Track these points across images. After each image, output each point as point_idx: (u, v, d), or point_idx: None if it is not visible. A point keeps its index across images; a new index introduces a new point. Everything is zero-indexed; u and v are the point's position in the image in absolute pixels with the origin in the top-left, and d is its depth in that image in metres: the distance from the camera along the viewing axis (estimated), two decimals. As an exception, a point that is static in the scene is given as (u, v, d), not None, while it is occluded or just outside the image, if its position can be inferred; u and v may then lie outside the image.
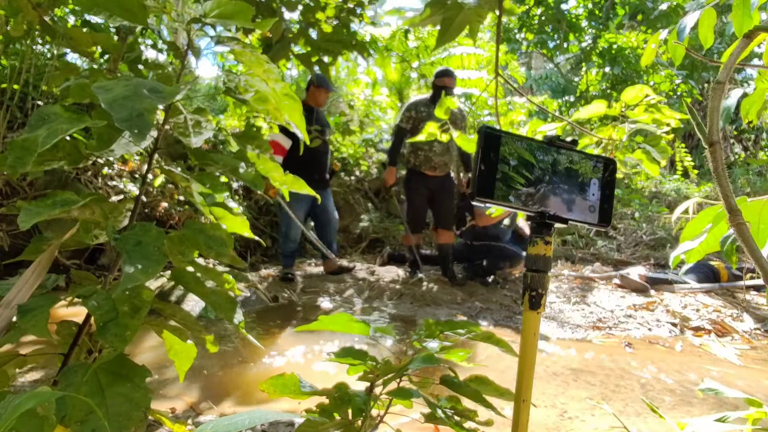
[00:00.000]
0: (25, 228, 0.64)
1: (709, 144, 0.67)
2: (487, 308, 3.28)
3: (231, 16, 0.83)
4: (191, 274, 0.85)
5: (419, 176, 3.74)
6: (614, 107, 1.54)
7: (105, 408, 0.65)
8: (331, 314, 0.83)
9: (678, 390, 2.06)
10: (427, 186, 3.76)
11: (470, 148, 1.40)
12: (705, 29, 1.15)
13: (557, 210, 0.72)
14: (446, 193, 3.83)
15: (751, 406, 0.86)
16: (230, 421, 0.53)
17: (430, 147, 3.62)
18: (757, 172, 8.09)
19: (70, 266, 3.21)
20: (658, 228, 5.65)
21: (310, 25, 2.29)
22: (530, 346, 0.72)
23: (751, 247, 0.65)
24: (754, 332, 2.90)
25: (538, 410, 1.75)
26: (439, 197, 3.80)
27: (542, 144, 0.72)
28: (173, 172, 0.86)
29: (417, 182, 3.75)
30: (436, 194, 3.78)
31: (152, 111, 0.62)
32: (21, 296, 0.71)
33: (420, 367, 0.80)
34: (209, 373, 2.05)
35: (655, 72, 8.00)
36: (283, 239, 3.76)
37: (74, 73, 0.99)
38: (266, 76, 0.83)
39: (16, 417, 0.44)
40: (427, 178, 3.74)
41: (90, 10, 0.76)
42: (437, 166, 3.68)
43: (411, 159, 3.75)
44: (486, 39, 6.76)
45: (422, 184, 3.74)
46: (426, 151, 3.64)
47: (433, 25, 1.19)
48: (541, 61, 11.76)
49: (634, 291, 3.66)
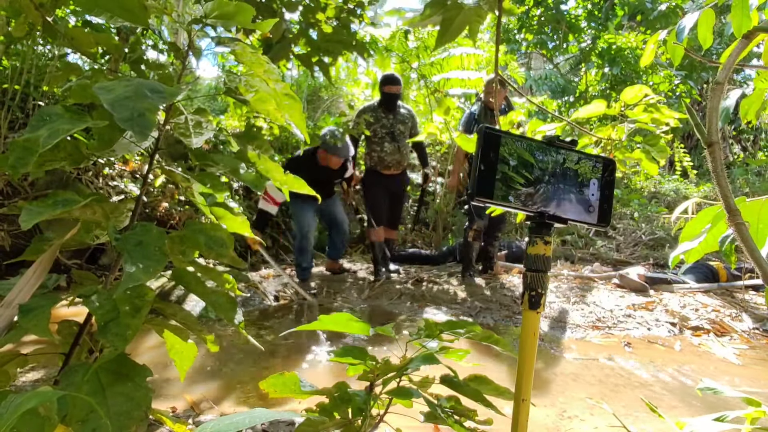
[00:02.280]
0: (26, 228, 0.64)
1: (708, 144, 0.67)
2: (487, 308, 3.29)
3: (231, 16, 0.83)
4: (192, 274, 0.85)
5: (376, 175, 4.04)
6: (613, 107, 1.54)
7: (106, 407, 0.66)
8: (331, 314, 0.83)
9: (677, 389, 2.06)
10: (383, 184, 4.06)
11: (470, 147, 1.40)
12: (704, 30, 1.15)
13: (557, 210, 0.73)
14: (401, 194, 4.20)
15: (750, 406, 0.87)
16: (231, 421, 0.53)
17: (381, 148, 3.93)
18: (756, 172, 8.09)
19: (71, 266, 3.21)
20: (657, 228, 5.65)
21: (310, 25, 2.29)
22: (530, 346, 0.72)
23: (750, 247, 0.65)
24: (752, 332, 2.90)
25: (537, 410, 1.75)
26: (394, 197, 4.12)
27: (542, 144, 0.73)
28: (174, 172, 0.87)
29: (374, 180, 4.06)
30: (393, 194, 4.11)
31: (153, 111, 0.63)
32: (22, 296, 0.72)
33: (420, 367, 0.80)
34: (210, 372, 2.05)
35: (654, 72, 8.00)
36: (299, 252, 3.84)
37: (75, 73, 0.99)
38: (267, 76, 0.84)
39: (18, 416, 0.45)
40: (384, 177, 4.04)
41: (91, 11, 0.76)
42: (391, 164, 3.98)
43: (367, 160, 4.08)
44: (485, 39, 6.76)
45: (380, 181, 4.05)
46: (378, 152, 3.95)
47: (432, 26, 1.19)
48: (541, 62, 11.76)
49: (634, 291, 3.66)
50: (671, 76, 7.88)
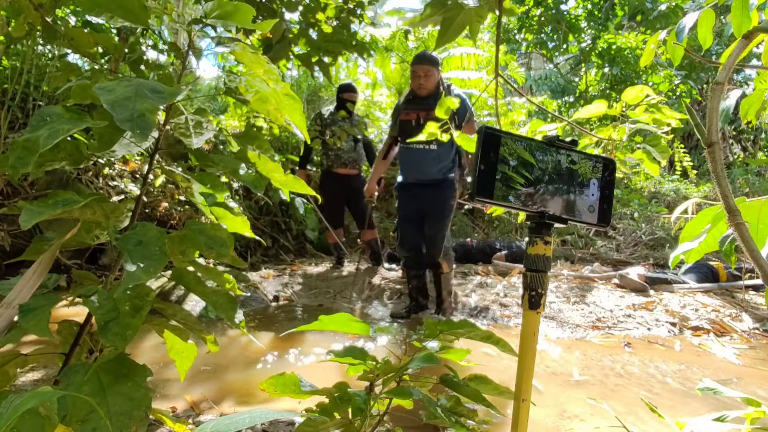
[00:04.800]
0: (26, 228, 0.64)
1: (708, 144, 0.67)
2: (487, 308, 3.29)
3: (231, 16, 0.83)
4: (192, 274, 0.85)
5: (333, 176, 4.16)
6: (614, 107, 1.54)
7: (106, 407, 0.66)
8: (331, 314, 0.83)
9: (677, 389, 2.06)
10: (340, 185, 4.16)
11: (470, 147, 1.40)
12: (704, 30, 1.15)
13: (557, 210, 0.73)
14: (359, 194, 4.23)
15: (750, 406, 0.87)
16: (231, 420, 0.53)
17: (338, 146, 4.06)
18: (756, 172, 8.10)
19: (72, 266, 3.21)
20: (657, 228, 5.65)
21: (310, 25, 2.29)
22: (530, 346, 0.72)
23: (750, 247, 0.65)
24: (752, 332, 2.90)
25: (537, 410, 1.75)
26: (353, 199, 4.19)
27: (542, 144, 0.73)
28: (174, 172, 0.87)
29: (331, 182, 4.18)
30: (351, 196, 4.19)
31: (153, 111, 0.63)
32: (22, 296, 0.72)
33: (420, 367, 0.80)
34: (210, 372, 2.05)
35: (654, 72, 8.00)
36: None
37: (75, 73, 0.99)
38: (267, 76, 0.84)
39: (18, 416, 0.45)
40: (341, 177, 4.15)
41: (91, 11, 0.76)
42: (347, 162, 4.12)
43: (324, 161, 4.20)
44: (486, 39, 6.76)
45: (336, 183, 4.16)
46: (336, 150, 4.09)
47: (433, 26, 1.19)
48: (541, 62, 11.77)
49: (634, 291, 3.66)
50: (671, 76, 7.88)
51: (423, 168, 2.87)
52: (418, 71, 2.78)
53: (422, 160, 2.86)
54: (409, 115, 2.87)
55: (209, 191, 0.88)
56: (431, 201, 2.88)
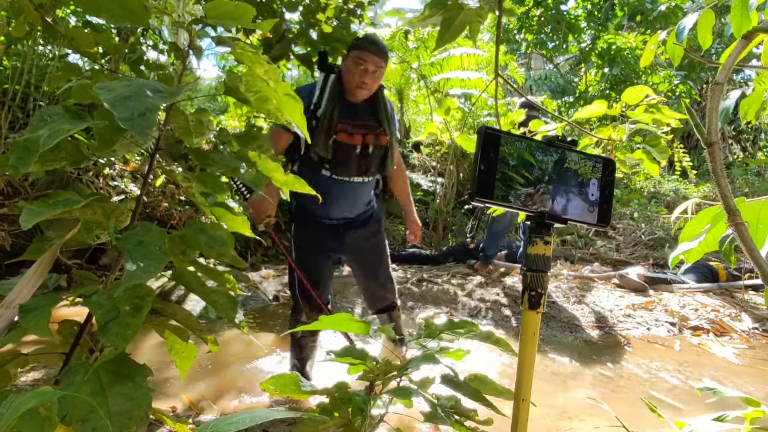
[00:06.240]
0: (26, 228, 0.64)
1: (708, 144, 0.68)
2: (487, 308, 3.29)
3: (232, 16, 0.83)
4: (192, 274, 0.85)
5: None
6: (614, 107, 1.54)
7: (106, 407, 0.66)
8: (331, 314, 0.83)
9: (677, 389, 2.06)
10: None
11: (470, 147, 1.40)
12: (703, 30, 1.15)
13: (556, 210, 0.73)
14: None
15: (750, 406, 0.87)
16: (231, 420, 0.53)
17: None
18: (756, 172, 8.10)
19: (72, 266, 3.21)
20: (657, 228, 5.65)
21: (310, 25, 2.29)
22: (530, 346, 0.72)
23: (750, 247, 0.65)
24: (752, 332, 2.90)
25: (537, 409, 1.75)
26: None
27: (542, 144, 0.73)
28: (174, 172, 0.87)
29: None
30: None
31: (154, 111, 0.63)
32: (23, 296, 0.72)
33: (420, 367, 0.80)
34: (210, 372, 2.05)
35: (653, 72, 8.01)
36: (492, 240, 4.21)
37: (76, 73, 0.99)
38: (267, 76, 0.84)
39: (18, 416, 0.45)
40: None
41: (92, 11, 0.76)
42: None
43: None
44: (486, 39, 6.76)
45: None
46: None
47: (432, 26, 1.19)
48: (541, 62, 11.77)
49: (633, 291, 3.66)
50: (671, 76, 7.89)
51: (357, 204, 2.07)
52: (368, 62, 1.88)
53: (358, 195, 2.05)
54: (351, 138, 1.92)
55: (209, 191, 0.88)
56: (361, 244, 2.15)
